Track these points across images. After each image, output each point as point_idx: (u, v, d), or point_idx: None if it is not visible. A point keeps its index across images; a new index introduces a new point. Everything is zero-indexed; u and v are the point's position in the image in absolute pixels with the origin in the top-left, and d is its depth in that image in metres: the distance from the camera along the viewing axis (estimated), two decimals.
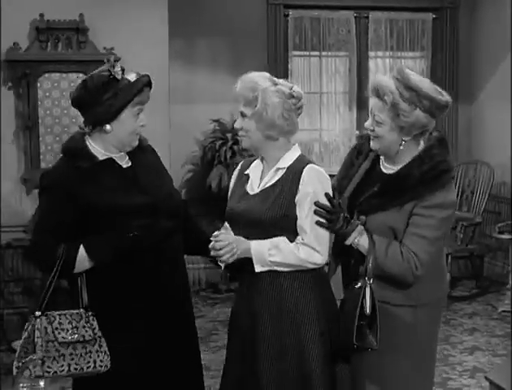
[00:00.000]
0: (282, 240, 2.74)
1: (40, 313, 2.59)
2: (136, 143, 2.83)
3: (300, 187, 2.74)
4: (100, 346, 2.64)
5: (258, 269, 2.74)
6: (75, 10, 5.41)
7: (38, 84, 5.38)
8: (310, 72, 7.34)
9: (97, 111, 2.70)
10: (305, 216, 2.73)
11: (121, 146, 2.80)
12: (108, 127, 2.73)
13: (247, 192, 2.84)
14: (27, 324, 2.61)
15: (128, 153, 2.84)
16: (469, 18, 7.45)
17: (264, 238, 2.74)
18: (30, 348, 2.57)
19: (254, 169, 2.89)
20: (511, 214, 6.76)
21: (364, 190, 2.82)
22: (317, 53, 7.32)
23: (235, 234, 2.79)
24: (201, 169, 6.89)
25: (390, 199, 2.73)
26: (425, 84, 2.71)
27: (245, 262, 2.76)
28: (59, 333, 2.59)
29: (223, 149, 6.47)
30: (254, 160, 2.93)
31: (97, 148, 2.78)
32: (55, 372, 2.57)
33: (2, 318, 5.45)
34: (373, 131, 2.76)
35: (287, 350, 2.74)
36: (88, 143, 2.78)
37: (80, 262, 2.69)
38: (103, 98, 2.69)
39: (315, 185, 2.74)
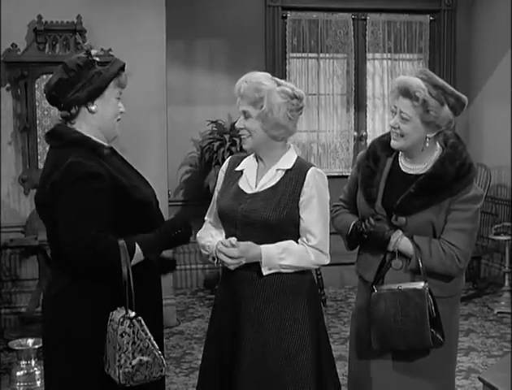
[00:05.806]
0: (291, 243, 2.77)
1: (134, 313, 2.47)
2: (118, 132, 2.75)
3: (304, 189, 2.76)
4: None
5: (265, 272, 2.75)
6: (73, 11, 5.41)
7: (36, 86, 5.39)
8: (307, 74, 7.36)
9: (83, 88, 2.60)
10: (316, 220, 2.76)
11: (106, 131, 2.69)
12: (94, 107, 2.63)
13: (243, 191, 2.82)
14: (121, 327, 2.44)
15: None
16: (466, 20, 7.47)
17: (264, 239, 2.74)
18: (132, 350, 2.45)
19: (248, 167, 2.86)
20: (510, 216, 6.77)
21: (391, 192, 2.88)
22: (315, 55, 7.35)
23: (231, 233, 2.79)
24: (198, 170, 6.93)
25: (430, 198, 2.80)
26: (448, 84, 2.83)
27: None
28: (150, 332, 2.51)
29: (221, 150, 6.49)
30: (244, 157, 2.90)
31: (89, 135, 2.66)
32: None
33: (0, 317, 5.47)
34: (398, 128, 2.82)
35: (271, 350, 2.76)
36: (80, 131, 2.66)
37: (135, 259, 2.56)
38: (88, 74, 2.60)
39: (320, 188, 2.77)
